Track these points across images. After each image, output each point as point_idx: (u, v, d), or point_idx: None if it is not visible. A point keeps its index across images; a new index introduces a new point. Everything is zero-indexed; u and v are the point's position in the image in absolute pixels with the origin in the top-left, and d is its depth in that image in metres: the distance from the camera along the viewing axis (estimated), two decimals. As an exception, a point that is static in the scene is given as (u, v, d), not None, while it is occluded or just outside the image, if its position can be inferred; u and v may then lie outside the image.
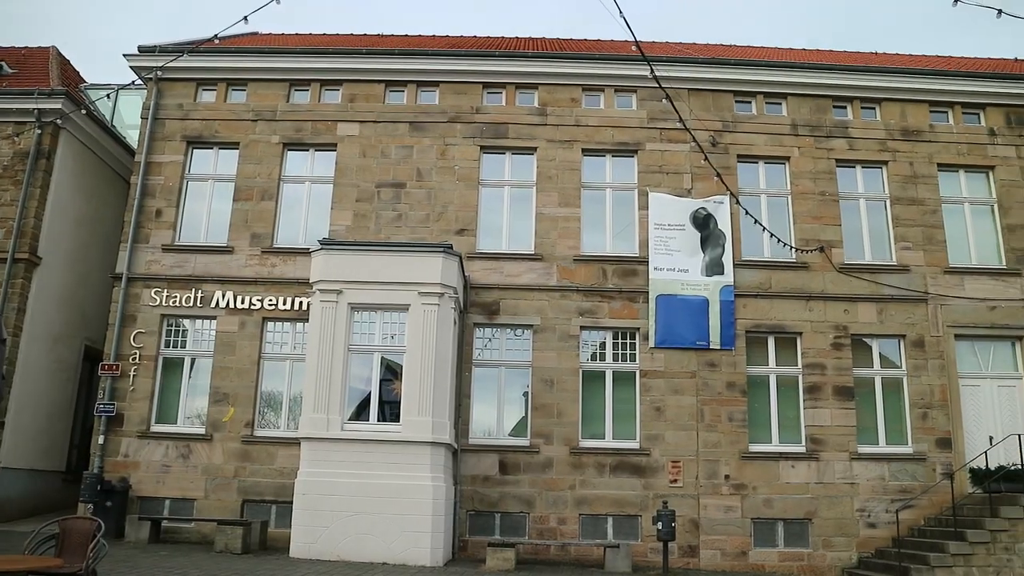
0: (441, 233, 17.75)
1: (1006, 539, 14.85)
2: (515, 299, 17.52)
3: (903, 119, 19.09)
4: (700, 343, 17.32)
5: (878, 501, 16.88)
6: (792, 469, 16.97)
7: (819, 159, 18.67)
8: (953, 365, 17.73)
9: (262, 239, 17.92)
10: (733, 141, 18.61)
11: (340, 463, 14.46)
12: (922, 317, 17.87)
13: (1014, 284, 18.16)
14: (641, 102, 18.79)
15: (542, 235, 17.94)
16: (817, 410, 17.27)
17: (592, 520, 16.63)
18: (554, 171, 18.31)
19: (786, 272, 17.95)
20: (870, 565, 16.09)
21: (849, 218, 18.53)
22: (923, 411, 17.40)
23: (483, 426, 17.28)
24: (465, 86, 18.80)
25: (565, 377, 17.17)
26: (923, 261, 18.19)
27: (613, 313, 17.54)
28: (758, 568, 16.38)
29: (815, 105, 19.03)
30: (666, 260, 17.67)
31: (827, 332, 17.65)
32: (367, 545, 14.03)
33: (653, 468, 16.81)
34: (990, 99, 19.26)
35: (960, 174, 19.07)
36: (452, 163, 18.30)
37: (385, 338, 15.47)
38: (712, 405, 17.13)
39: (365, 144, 18.44)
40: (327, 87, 18.94)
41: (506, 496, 16.58)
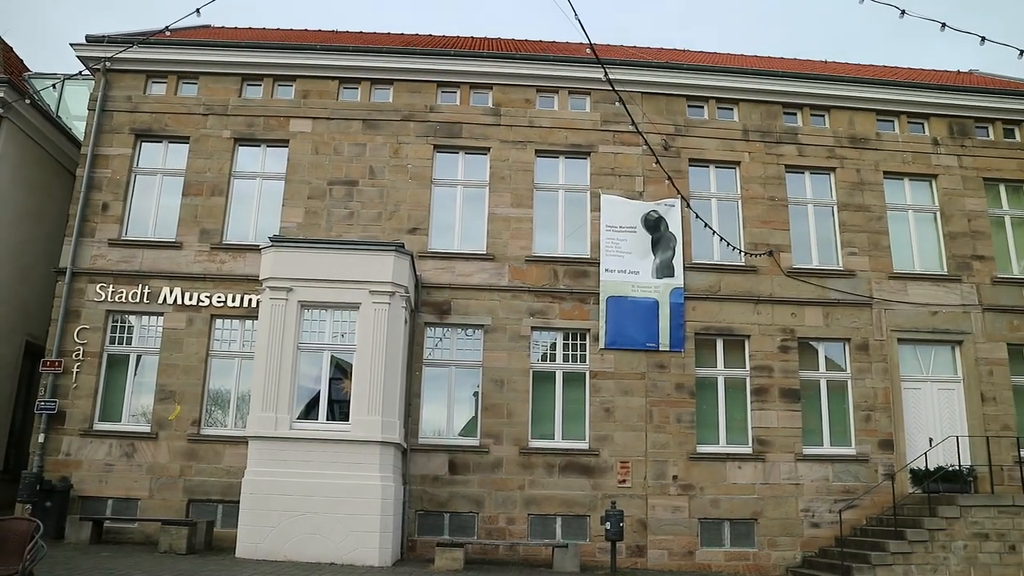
0: (393, 232, 17.68)
1: (943, 538, 15.20)
2: (466, 299, 17.50)
3: (851, 127, 19.44)
4: (650, 345, 17.47)
5: (822, 501, 17.16)
6: (739, 470, 17.18)
7: (769, 164, 18.93)
8: (896, 368, 18.10)
9: (211, 235, 17.68)
10: (685, 145, 18.80)
11: (288, 462, 14.35)
12: (867, 321, 18.22)
13: (955, 290, 18.60)
14: (595, 104, 18.89)
15: (494, 235, 17.95)
16: (764, 412, 17.52)
17: (541, 520, 16.68)
18: (507, 171, 18.33)
19: (735, 275, 18.18)
20: (814, 564, 16.35)
21: (797, 223, 18.83)
22: (866, 413, 17.74)
23: (433, 426, 17.23)
24: (419, 85, 18.74)
25: (515, 377, 17.20)
26: (868, 266, 18.54)
27: (564, 314, 17.62)
28: (704, 568, 16.55)
29: (766, 111, 19.30)
30: (617, 262, 17.79)
31: (774, 335, 17.92)
32: (315, 545, 13.94)
33: (602, 468, 16.91)
34: (934, 110, 19.69)
35: (905, 182, 19.48)
36: (405, 162, 18.23)
37: (335, 337, 15.37)
38: (661, 406, 17.28)
39: (318, 141, 18.29)
40: (280, 82, 18.75)
41: (455, 496, 16.56)
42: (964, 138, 19.70)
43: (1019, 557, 15.25)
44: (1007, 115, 19.93)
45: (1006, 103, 19.89)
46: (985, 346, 18.36)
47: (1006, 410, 18.01)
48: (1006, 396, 18.11)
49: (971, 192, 19.33)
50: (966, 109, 19.78)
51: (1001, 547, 15.28)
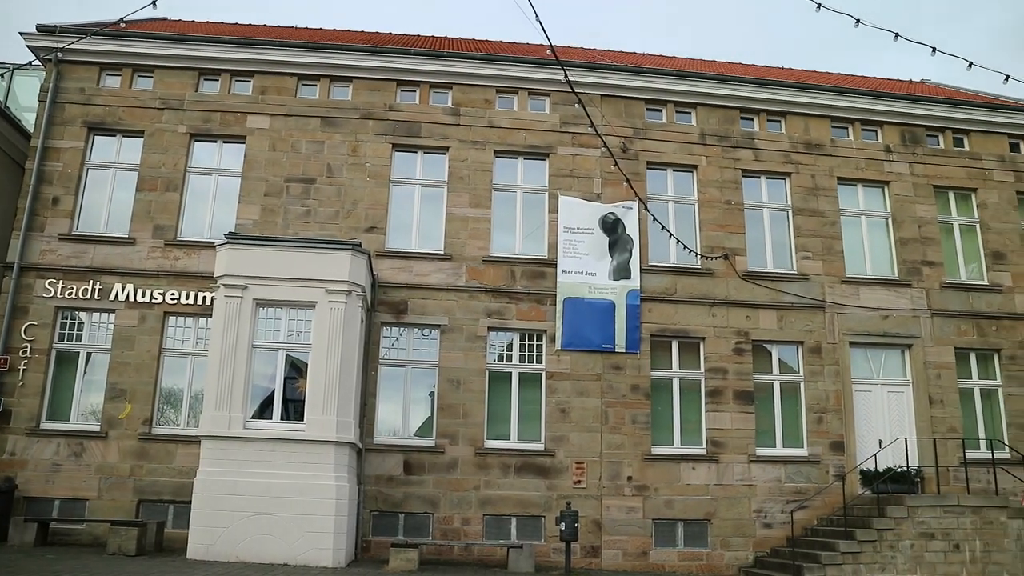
0: (350, 230, 17.57)
1: (891, 537, 15.47)
2: (423, 299, 17.45)
3: (806, 133, 19.71)
4: (606, 346, 17.55)
5: (774, 502, 17.37)
6: (693, 471, 17.32)
7: (726, 169, 19.12)
8: (847, 371, 18.38)
9: (165, 231, 17.43)
10: (643, 148, 18.92)
11: (242, 462, 14.20)
12: (820, 324, 18.48)
13: (905, 295, 18.94)
14: (554, 106, 18.94)
15: (452, 235, 17.92)
16: (718, 413, 17.68)
17: (496, 520, 16.67)
18: (466, 171, 18.31)
19: (691, 278, 18.33)
20: (766, 564, 16.55)
21: (753, 227, 19.04)
22: (818, 415, 17.99)
23: (388, 426, 17.14)
24: (379, 83, 18.65)
25: (472, 378, 17.18)
26: (822, 270, 18.81)
27: (521, 315, 17.63)
28: (658, 568, 16.66)
29: (723, 116, 19.49)
30: (574, 263, 17.85)
31: (729, 337, 18.09)
32: (268, 546, 13.80)
33: (557, 469, 16.94)
34: (887, 117, 20.04)
35: (858, 188, 19.79)
36: (363, 160, 18.13)
37: (291, 335, 15.24)
38: (616, 407, 17.37)
39: (275, 137, 18.11)
40: (238, 78, 18.54)
41: (410, 496, 16.49)
42: (915, 146, 20.07)
43: (963, 555, 15.59)
44: (957, 124, 20.35)
45: (956, 113, 20.31)
46: (933, 350, 18.71)
47: (952, 412, 18.39)
48: (953, 399, 18.48)
49: (922, 199, 19.70)
50: (918, 118, 20.16)
51: (946, 546, 15.60)
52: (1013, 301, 19.35)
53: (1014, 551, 15.76)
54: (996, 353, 19.10)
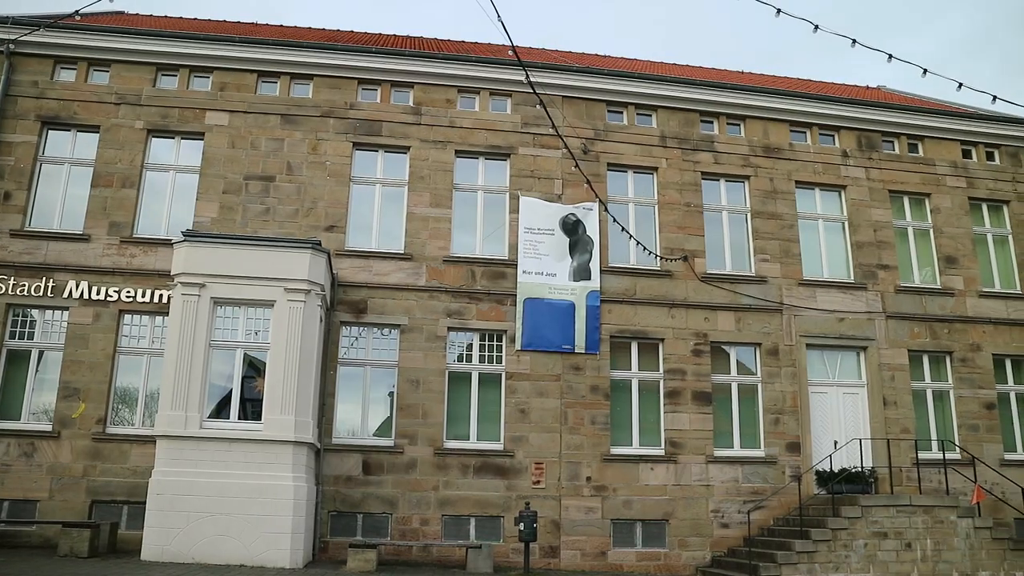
0: (310, 229, 17.44)
1: (845, 537, 15.69)
2: (383, 298, 17.37)
3: (765, 136, 19.92)
4: (566, 347, 17.59)
5: (731, 502, 17.52)
6: (651, 471, 17.42)
7: (686, 171, 19.26)
8: (804, 373, 18.60)
9: (121, 228, 17.17)
10: (604, 150, 19.00)
11: (198, 462, 14.05)
12: (777, 326, 18.68)
13: (860, 298, 19.21)
14: (516, 107, 18.96)
15: (412, 235, 17.86)
16: (676, 414, 17.79)
17: (455, 521, 16.63)
18: (427, 171, 18.26)
19: (651, 280, 18.44)
20: (723, 564, 16.69)
21: (712, 229, 19.21)
22: (775, 416, 18.18)
23: (347, 426, 17.04)
24: (340, 81, 18.54)
25: (431, 378, 17.13)
26: (779, 273, 19.02)
27: (481, 315, 17.62)
28: (616, 568, 16.73)
29: (684, 119, 19.63)
30: (535, 264, 17.88)
31: (688, 339, 18.23)
32: (224, 547, 13.66)
33: (516, 469, 16.95)
34: (844, 122, 20.33)
35: (815, 192, 20.04)
36: (323, 158, 18.01)
37: (249, 334, 15.11)
38: (576, 408, 17.41)
39: (234, 135, 17.93)
40: (196, 74, 18.32)
41: (369, 497, 16.40)
42: (871, 151, 20.38)
43: (914, 554, 15.86)
44: (911, 130, 20.70)
45: (911, 119, 20.66)
46: (888, 352, 19.00)
47: (906, 414, 18.68)
48: (906, 400, 18.78)
49: (877, 203, 20.01)
50: (874, 123, 20.48)
51: (899, 545, 15.86)
52: (964, 305, 19.72)
53: (963, 549, 16.07)
54: (948, 355, 19.44)
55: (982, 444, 18.79)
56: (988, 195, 20.85)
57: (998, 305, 19.96)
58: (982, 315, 19.74)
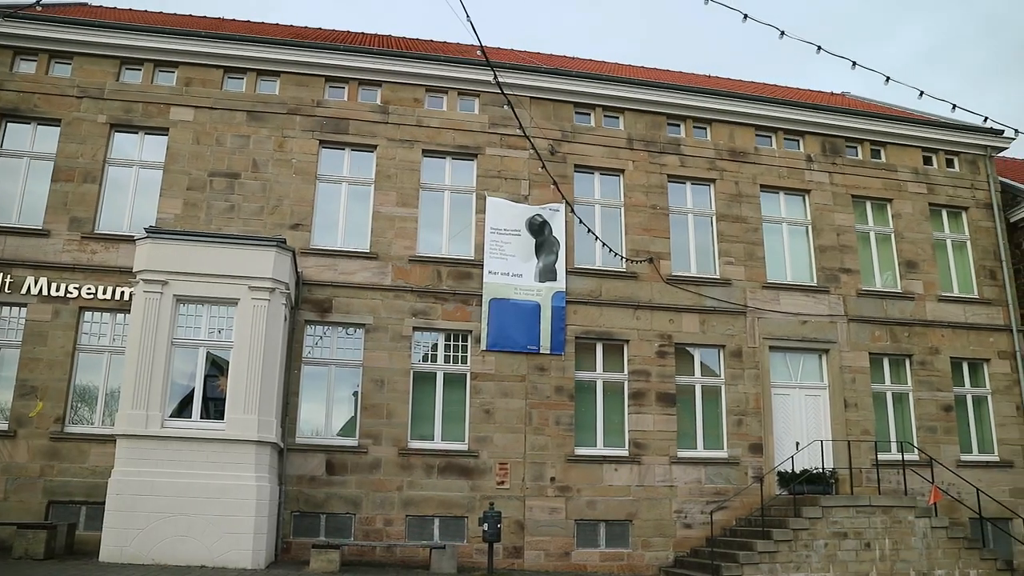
0: (275, 227, 17.31)
1: (806, 537, 15.85)
2: (348, 297, 17.27)
3: (731, 140, 20.08)
4: (531, 347, 17.61)
5: (694, 503, 17.63)
6: (615, 472, 17.48)
7: (652, 173, 19.37)
8: (767, 375, 18.77)
9: (82, 224, 16.90)
10: (571, 151, 19.05)
11: (159, 462, 13.87)
12: (741, 329, 18.83)
13: (823, 301, 19.43)
14: (483, 107, 18.95)
15: (378, 234, 17.78)
16: (640, 415, 17.88)
17: (419, 521, 16.58)
18: (393, 170, 18.19)
19: (616, 281, 18.51)
20: (685, 564, 16.80)
21: (677, 232, 19.33)
22: (738, 418, 18.33)
23: (311, 425, 16.93)
24: (307, 78, 18.40)
25: (396, 377, 17.06)
26: (744, 276, 19.18)
27: (446, 315, 17.58)
28: (580, 568, 16.76)
29: (651, 121, 19.73)
30: (501, 264, 17.87)
31: (652, 340, 18.32)
32: (185, 547, 13.50)
33: (481, 470, 16.93)
34: (809, 128, 20.56)
35: (780, 196, 20.24)
36: (290, 156, 17.88)
37: (212, 332, 14.95)
38: (540, 408, 17.43)
39: (199, 130, 17.73)
40: (161, 68, 18.08)
41: (332, 497, 16.30)
42: (835, 156, 20.62)
43: (873, 554, 16.07)
44: (874, 136, 20.98)
45: (874, 125, 20.95)
46: (849, 355, 19.24)
47: (866, 416, 18.93)
48: (867, 402, 19.03)
49: (840, 208, 20.25)
50: (838, 129, 20.73)
51: (858, 545, 16.06)
52: (924, 309, 20.02)
53: (920, 549, 16.31)
54: (908, 359, 19.72)
55: (939, 445, 19.09)
56: (948, 201, 21.19)
57: (956, 309, 20.29)
58: (941, 319, 20.05)
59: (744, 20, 11.70)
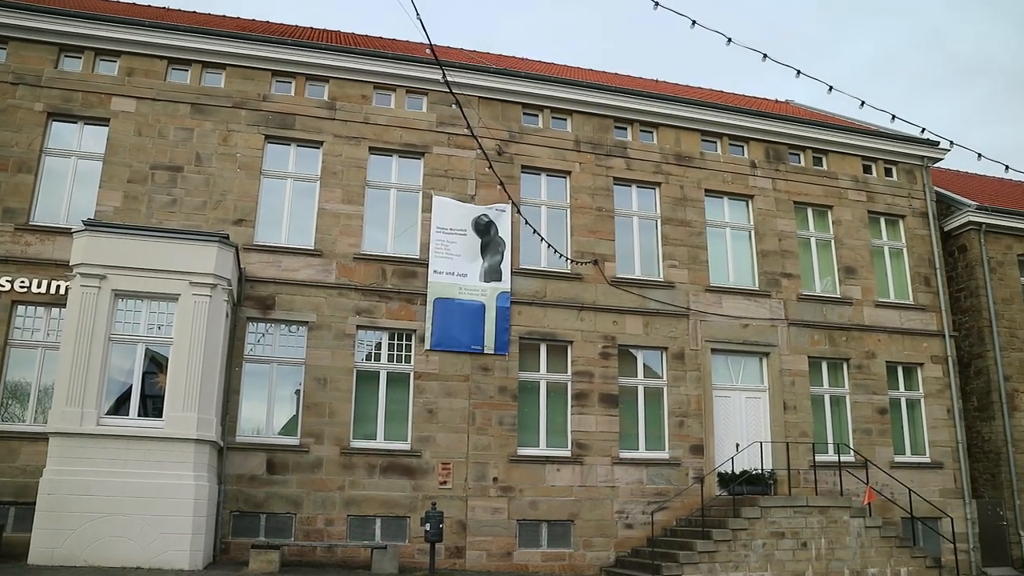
0: (218, 222, 17.02)
1: (745, 537, 16.10)
2: (291, 294, 17.08)
3: (677, 145, 20.29)
4: (475, 347, 17.59)
5: (636, 503, 17.78)
6: (557, 472, 17.55)
7: (598, 176, 19.48)
8: (708, 377, 19.00)
9: (16, 215, 16.44)
10: (518, 152, 19.08)
11: (94, 460, 13.55)
12: (683, 331, 19.04)
13: (764, 305, 19.73)
14: (431, 105, 18.89)
15: (323, 231, 17.61)
16: (583, 416, 17.97)
17: (360, 521, 16.46)
18: (340, 167, 18.04)
19: (561, 282, 18.59)
20: (626, 564, 16.92)
21: (622, 234, 19.48)
22: (680, 419, 18.53)
23: (252, 424, 16.71)
24: (253, 72, 18.13)
25: (339, 376, 16.92)
26: (687, 279, 19.39)
27: (390, 314, 17.49)
28: (522, 568, 16.80)
29: (598, 124, 19.85)
30: (446, 264, 17.83)
31: (596, 342, 18.43)
32: (120, 549, 13.22)
33: (423, 470, 16.87)
34: (753, 134, 20.87)
35: (724, 200, 20.51)
36: (234, 150, 17.61)
37: (151, 328, 14.66)
38: (484, 409, 17.43)
39: (141, 122, 17.36)
40: (103, 57, 17.65)
41: (273, 496, 16.10)
42: (778, 163, 20.96)
43: (809, 553, 16.40)
44: (817, 144, 21.37)
45: (816, 133, 21.34)
46: (789, 358, 19.57)
47: (805, 418, 19.27)
48: (805, 405, 19.38)
49: (782, 214, 20.59)
50: (781, 136, 21.07)
51: (795, 544, 16.37)
52: (862, 314, 20.45)
53: (854, 548, 16.68)
54: (845, 362, 20.12)
55: (874, 447, 19.52)
56: (886, 209, 21.67)
57: (892, 315, 20.76)
58: (877, 324, 20.51)
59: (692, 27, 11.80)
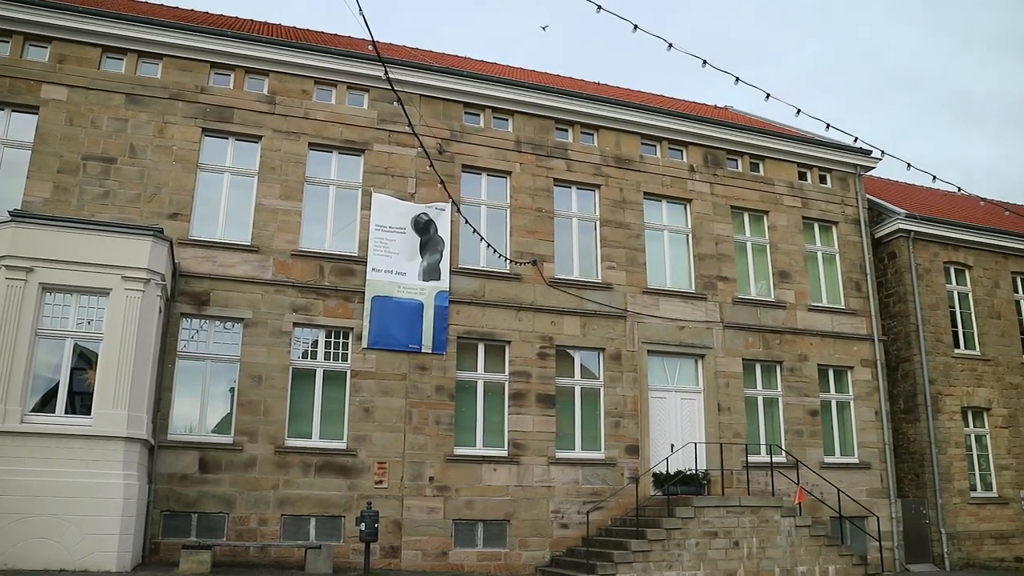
0: (152, 216, 16.67)
1: (679, 536, 16.32)
2: (227, 291, 16.81)
3: (617, 147, 20.46)
4: (412, 346, 17.53)
5: (571, 503, 17.88)
6: (494, 472, 17.57)
7: (539, 176, 19.55)
8: (645, 378, 19.21)
9: (-62, 205, 15.92)
10: (460, 151, 19.05)
11: (17, 459, 13.12)
12: (620, 332, 19.20)
13: (700, 307, 20.00)
14: (373, 102, 18.76)
15: (260, 227, 17.36)
16: (520, 416, 18.02)
17: (295, 521, 16.27)
18: (278, 162, 17.81)
19: (500, 282, 18.61)
20: (562, 563, 17.00)
21: (561, 235, 19.57)
22: (616, 420, 18.69)
23: (184, 422, 16.41)
24: (191, 63, 17.78)
25: (274, 374, 16.71)
26: (625, 281, 19.56)
27: (328, 311, 17.33)
28: (457, 568, 16.78)
29: (539, 125, 19.92)
30: (385, 262, 17.73)
31: (534, 342, 18.49)
32: (44, 550, 12.81)
33: (359, 469, 16.75)
34: (692, 139, 21.14)
35: (663, 204, 20.74)
36: (170, 142, 17.26)
37: (81, 323, 14.28)
38: (421, 408, 17.37)
39: (73, 111, 16.90)
40: (32, 42, 17.08)
41: (205, 496, 15.83)
42: (716, 168, 21.26)
43: (741, 552, 16.69)
44: (754, 150, 21.74)
45: (753, 139, 21.71)
46: (724, 360, 19.87)
47: (738, 419, 19.59)
48: (739, 406, 19.71)
49: (719, 218, 20.90)
50: (720, 141, 21.38)
51: (728, 543, 16.63)
52: (795, 317, 20.85)
53: (784, 547, 17.01)
54: (778, 365, 20.50)
55: (805, 448, 19.93)
56: (820, 216, 22.13)
57: (824, 319, 21.22)
58: (810, 328, 20.94)
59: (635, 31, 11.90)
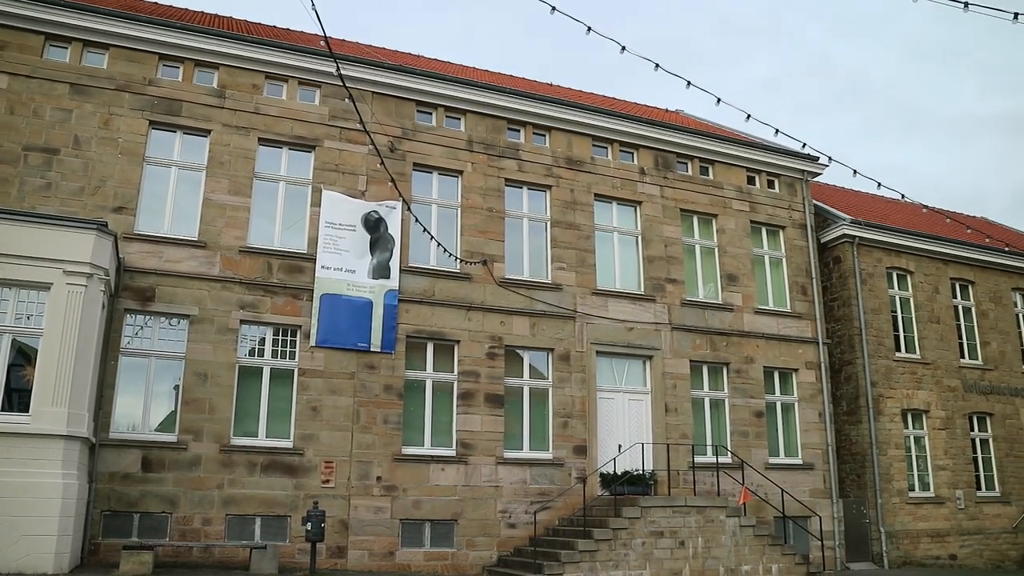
0: (96, 209, 16.32)
1: (625, 536, 16.46)
2: (173, 286, 16.54)
3: (569, 149, 20.55)
4: (361, 345, 17.42)
5: (519, 503, 17.92)
6: (442, 472, 17.54)
7: (490, 176, 19.56)
8: (593, 379, 19.32)
9: None
10: (411, 149, 18.98)
11: (-50, 458, 12.82)
12: (569, 333, 19.29)
13: (649, 309, 20.18)
14: (324, 99, 18.60)
15: (208, 222, 17.12)
16: (469, 416, 18.01)
17: (240, 520, 16.07)
18: (227, 157, 17.57)
19: (450, 281, 18.59)
20: (509, 563, 17.04)
21: (512, 235, 19.62)
22: (564, 420, 18.77)
23: (127, 420, 16.10)
24: (139, 54, 17.44)
25: (220, 372, 16.49)
26: (574, 282, 19.66)
27: (276, 309, 17.14)
28: (404, 568, 16.72)
29: (491, 125, 19.92)
30: (334, 259, 17.59)
31: (483, 342, 18.49)
32: (-26, 553, 12.52)
33: (306, 468, 16.60)
34: (643, 142, 21.32)
35: (613, 205, 20.88)
36: (116, 135, 16.92)
37: (19, 318, 13.93)
38: (369, 407, 17.28)
39: (14, 100, 16.46)
40: (-29, 30, 16.73)
41: (148, 495, 15.55)
42: (667, 171, 21.46)
43: (687, 551, 16.89)
44: (704, 154, 21.99)
45: (704, 143, 21.96)
46: (672, 361, 20.06)
47: (685, 420, 19.80)
48: (686, 408, 19.92)
49: (669, 220, 21.10)
50: (670, 145, 21.59)
51: (673, 543, 16.81)
52: (742, 320, 21.13)
53: (729, 546, 17.24)
54: (725, 367, 20.76)
55: (751, 449, 20.21)
56: (767, 220, 22.46)
57: (770, 322, 21.54)
58: (756, 330, 21.23)
59: (588, 32, 11.97)
